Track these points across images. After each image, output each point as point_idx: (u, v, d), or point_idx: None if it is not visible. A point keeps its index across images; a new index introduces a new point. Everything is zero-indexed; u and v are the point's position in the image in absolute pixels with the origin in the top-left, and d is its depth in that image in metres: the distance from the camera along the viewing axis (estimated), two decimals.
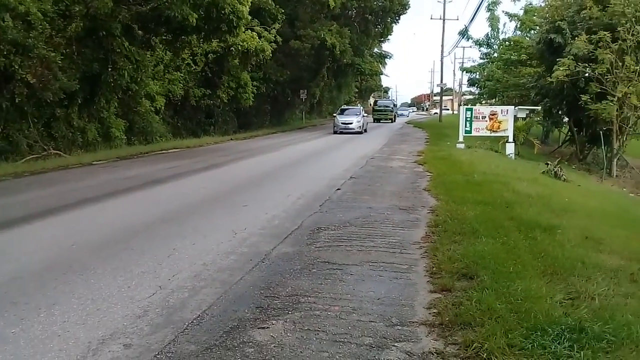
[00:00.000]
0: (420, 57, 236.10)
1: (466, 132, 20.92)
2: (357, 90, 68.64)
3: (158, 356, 3.45)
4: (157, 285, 4.77)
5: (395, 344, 3.62)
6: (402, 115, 69.68)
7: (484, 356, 3.36)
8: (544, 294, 4.28)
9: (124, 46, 17.45)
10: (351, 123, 30.10)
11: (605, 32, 19.23)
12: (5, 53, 12.81)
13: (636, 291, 4.54)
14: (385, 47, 57.50)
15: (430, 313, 4.16)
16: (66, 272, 5.17)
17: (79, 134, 17.13)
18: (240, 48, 23.63)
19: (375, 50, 53.44)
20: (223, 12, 17.12)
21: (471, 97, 49.37)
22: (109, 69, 17.28)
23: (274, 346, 3.58)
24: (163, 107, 23.90)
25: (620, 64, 19.58)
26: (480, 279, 4.69)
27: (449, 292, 4.54)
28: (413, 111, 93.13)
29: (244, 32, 22.21)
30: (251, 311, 4.19)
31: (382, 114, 48.77)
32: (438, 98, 62.52)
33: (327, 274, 5.10)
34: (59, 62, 14.57)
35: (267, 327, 3.89)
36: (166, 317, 4.10)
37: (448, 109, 78.46)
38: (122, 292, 4.62)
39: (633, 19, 19.34)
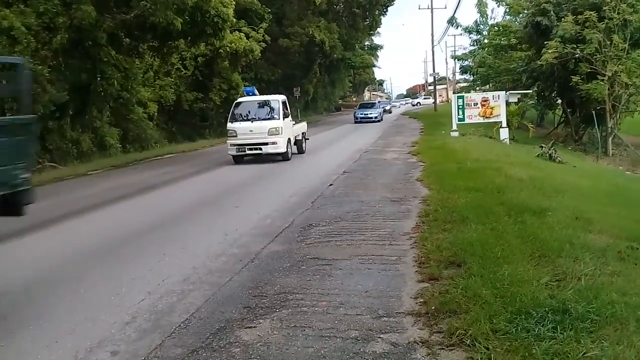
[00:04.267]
0: (412, 48, 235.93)
1: (459, 120, 20.92)
2: (351, 84, 68.67)
3: None
4: (147, 291, 4.78)
5: (381, 336, 3.63)
6: (394, 106, 70.06)
7: (468, 342, 3.37)
8: (530, 277, 4.29)
9: (111, 55, 17.40)
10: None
11: (591, 12, 19.22)
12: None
13: (623, 269, 4.54)
14: (376, 40, 56.95)
15: (417, 303, 4.17)
16: (57, 283, 5.19)
17: (73, 145, 17.12)
18: (228, 49, 23.62)
19: (366, 43, 53.39)
20: (207, 15, 17.11)
21: (465, 84, 49.36)
22: (98, 79, 17.25)
23: (260, 345, 3.59)
24: (156, 113, 23.90)
25: (608, 42, 19.60)
26: (468, 266, 4.70)
27: (437, 281, 4.55)
28: (407, 102, 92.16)
29: (231, 34, 22.19)
30: (239, 311, 4.20)
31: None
32: (432, 88, 62.43)
33: (316, 270, 5.11)
34: (47, 74, 14.54)
35: (254, 327, 3.90)
36: (154, 322, 4.11)
37: (429, 98, 77.74)
38: (111, 300, 4.64)
39: None
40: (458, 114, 20.83)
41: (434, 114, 42.09)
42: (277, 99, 15.43)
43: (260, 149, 14.54)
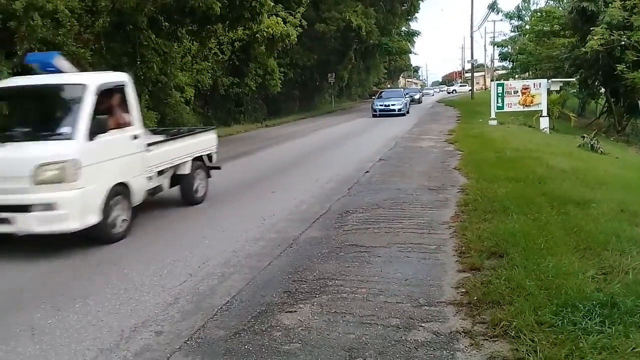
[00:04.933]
0: (450, 34, 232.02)
1: (498, 108, 20.52)
2: (386, 70, 67.97)
3: (188, 342, 3.53)
4: (188, 273, 4.86)
5: (422, 324, 3.61)
6: (427, 94, 67.65)
7: (512, 334, 3.32)
8: (575, 269, 4.20)
9: (151, 39, 17.62)
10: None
11: None
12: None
13: None
14: (413, 25, 56.02)
15: (458, 292, 4.13)
16: (100, 262, 5.32)
17: None
18: (265, 34, 23.58)
19: (403, 29, 52.65)
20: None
21: (504, 71, 48.33)
22: (138, 62, 17.48)
23: (301, 329, 3.62)
24: (193, 98, 24.10)
25: None
26: (510, 257, 4.62)
27: (478, 271, 4.50)
28: (442, 90, 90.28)
29: (269, 18, 22.15)
30: (279, 296, 4.23)
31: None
32: (469, 75, 61.30)
33: (354, 256, 5.11)
34: (89, 57, 14.80)
35: (295, 311, 3.92)
36: (196, 304, 4.18)
37: (465, 85, 76.13)
38: (153, 281, 4.73)
39: None
40: (497, 102, 20.43)
41: (471, 101, 41.35)
42: (82, 84, 6.11)
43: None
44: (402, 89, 38.73)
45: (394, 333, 3.51)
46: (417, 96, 45.55)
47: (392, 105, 28.85)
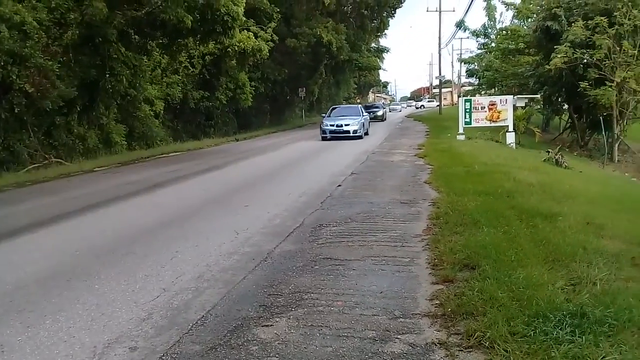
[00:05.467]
0: (418, 51, 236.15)
1: (466, 123, 20.91)
2: (355, 86, 68.67)
3: (163, 357, 3.48)
4: (161, 288, 4.80)
5: (399, 336, 3.64)
6: (394, 110, 67.53)
7: (487, 344, 3.38)
8: (545, 281, 4.29)
9: (120, 52, 17.49)
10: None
11: (601, 18, 19.23)
12: (2, 64, 12.85)
13: (637, 275, 4.55)
14: (383, 41, 56.88)
15: (432, 304, 4.17)
16: (70, 278, 5.21)
17: (80, 141, 17.19)
18: (237, 49, 23.67)
19: (373, 45, 53.38)
20: (218, 13, 17.14)
21: (470, 88, 49.35)
22: (107, 75, 17.32)
23: (278, 343, 3.61)
24: (162, 111, 23.96)
25: (618, 48, 19.59)
26: (482, 269, 4.70)
27: (451, 283, 4.56)
28: (410, 105, 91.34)
29: (240, 33, 22.23)
30: (255, 310, 4.21)
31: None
32: (437, 90, 62.38)
33: (329, 270, 5.13)
34: (57, 70, 14.61)
35: (271, 325, 3.91)
36: (170, 319, 4.12)
37: (433, 101, 77.57)
38: (126, 296, 4.65)
39: (629, 3, 19.34)
40: (465, 117, 20.83)
41: (439, 117, 42.07)
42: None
43: None
44: (359, 105, 29.16)
45: (370, 345, 3.53)
46: (379, 112, 41.20)
47: (346, 125, 22.84)
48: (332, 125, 23.12)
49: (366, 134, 24.45)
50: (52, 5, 14.54)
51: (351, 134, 22.57)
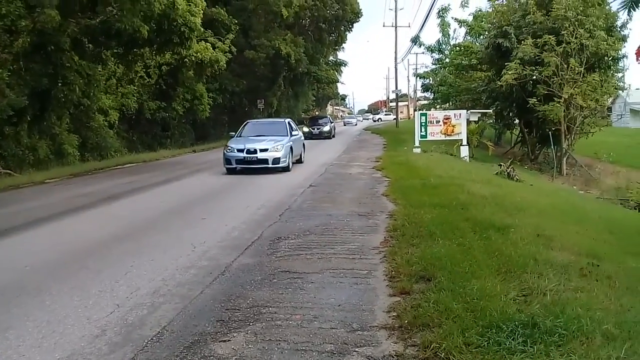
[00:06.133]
0: (375, 64, 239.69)
1: (422, 136, 21.32)
2: (314, 98, 69.00)
3: None
4: (115, 304, 4.68)
5: (357, 349, 3.67)
6: (349, 123, 63.47)
7: (442, 356, 3.44)
8: (498, 292, 4.41)
9: (73, 60, 17.07)
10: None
11: (549, 36, 20.01)
12: None
13: (586, 285, 4.72)
14: (341, 55, 57.80)
15: (389, 316, 4.22)
16: (20, 294, 5.02)
17: (30, 152, 16.62)
18: (194, 59, 23.47)
19: (331, 58, 53.92)
20: (175, 24, 16.99)
21: (426, 102, 50.31)
22: (59, 84, 16.87)
23: (236, 358, 3.58)
24: (117, 122, 23.48)
25: (565, 66, 20.39)
26: (438, 280, 4.79)
27: (408, 295, 4.63)
28: (366, 118, 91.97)
29: (198, 44, 22.07)
30: (212, 325, 4.16)
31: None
32: (394, 104, 63.37)
33: (287, 283, 5.12)
34: (6, 78, 14.16)
35: (229, 340, 3.87)
36: (125, 335, 4.03)
37: (390, 114, 78.79)
38: (78, 312, 4.52)
39: (575, 23, 20.20)
40: (421, 131, 21.24)
41: (396, 130, 42.75)
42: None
43: None
44: (286, 120, 18.68)
45: (328, 359, 3.54)
46: (326, 128, 33.58)
47: (262, 151, 15.12)
48: (241, 153, 15.14)
49: (299, 161, 17.57)
50: (3, 12, 14.09)
51: (271, 165, 15.02)
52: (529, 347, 3.42)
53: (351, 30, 44.24)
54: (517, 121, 26.92)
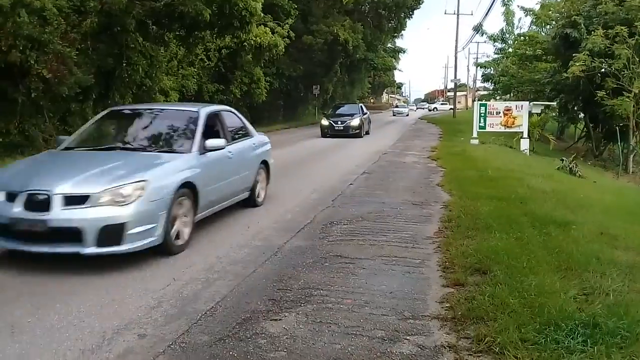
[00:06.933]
0: (434, 53, 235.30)
1: (480, 127, 20.78)
2: (370, 85, 68.56)
3: (172, 346, 3.49)
4: (171, 277, 4.81)
5: (407, 337, 3.63)
6: (399, 114, 55.06)
7: (497, 350, 3.36)
8: (557, 289, 4.26)
9: (138, 42, 17.53)
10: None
11: (622, 27, 18.97)
12: (21, 48, 12.92)
13: None
14: (399, 42, 56.55)
15: (442, 307, 4.15)
16: (78, 264, 5.21)
17: None
18: (253, 43, 23.64)
19: (389, 45, 53.24)
20: (236, 8, 17.12)
21: (485, 92, 49.07)
22: (124, 65, 17.36)
23: (287, 338, 3.61)
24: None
25: (637, 59, 19.34)
26: (494, 274, 4.67)
27: (462, 287, 4.54)
28: (421, 108, 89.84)
29: (257, 28, 22.21)
30: (264, 303, 4.21)
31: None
32: (452, 93, 62.11)
33: (339, 267, 5.12)
34: (74, 57, 14.66)
35: (280, 319, 3.91)
36: (180, 308, 4.13)
37: (446, 104, 77.19)
38: (136, 282, 4.67)
39: None
40: (479, 122, 20.70)
41: (453, 120, 41.89)
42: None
43: None
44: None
45: (379, 345, 3.52)
46: (354, 122, 23.72)
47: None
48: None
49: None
50: None
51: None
52: (589, 347, 3.30)
53: (411, 17, 43.46)
54: (582, 115, 25.82)
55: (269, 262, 5.32)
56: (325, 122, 24.00)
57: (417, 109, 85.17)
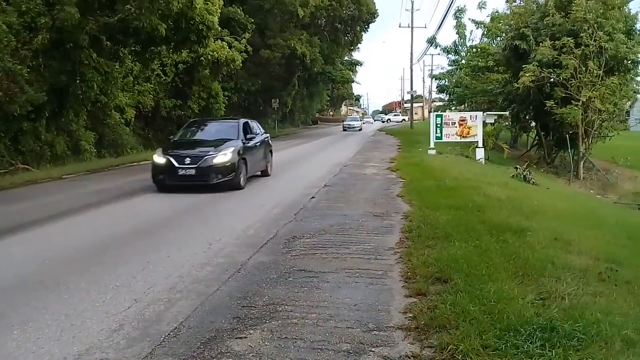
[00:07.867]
0: (390, 65, 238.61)
1: (437, 138, 21.21)
2: (328, 98, 69.07)
3: None
4: (132, 299, 4.72)
5: (373, 349, 3.66)
6: (351, 128, 46.56)
7: (459, 358, 3.42)
8: (515, 295, 4.37)
9: (92, 58, 17.24)
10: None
11: (568, 38, 19.78)
12: None
13: (604, 290, 4.67)
14: (356, 55, 57.51)
15: (406, 317, 4.21)
16: (38, 288, 5.08)
17: (47, 147, 16.79)
18: (210, 58, 23.59)
19: (346, 58, 53.89)
20: (192, 22, 17.07)
21: (441, 103, 50.07)
22: (77, 81, 17.02)
23: (252, 356, 3.59)
24: (133, 119, 23.65)
25: (584, 68, 20.16)
26: (454, 283, 4.77)
27: (424, 296, 4.61)
28: (378, 120, 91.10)
29: (214, 42, 22.16)
30: (228, 321, 4.18)
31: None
32: (409, 105, 63.18)
33: (303, 282, 5.13)
34: (26, 74, 14.32)
35: (245, 337, 3.89)
36: (142, 330, 4.06)
37: (398, 115, 79.00)
38: (96, 306, 4.56)
39: (595, 25, 19.96)
40: (436, 132, 21.13)
41: (411, 131, 42.58)
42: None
43: None
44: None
45: (345, 358, 3.54)
46: (224, 155, 11.45)
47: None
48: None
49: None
50: (23, 9, 14.26)
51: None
52: (547, 351, 3.39)
53: (367, 31, 44.26)
54: (533, 124, 26.69)
55: (233, 279, 5.28)
56: (159, 159, 11.72)
57: (374, 121, 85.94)
